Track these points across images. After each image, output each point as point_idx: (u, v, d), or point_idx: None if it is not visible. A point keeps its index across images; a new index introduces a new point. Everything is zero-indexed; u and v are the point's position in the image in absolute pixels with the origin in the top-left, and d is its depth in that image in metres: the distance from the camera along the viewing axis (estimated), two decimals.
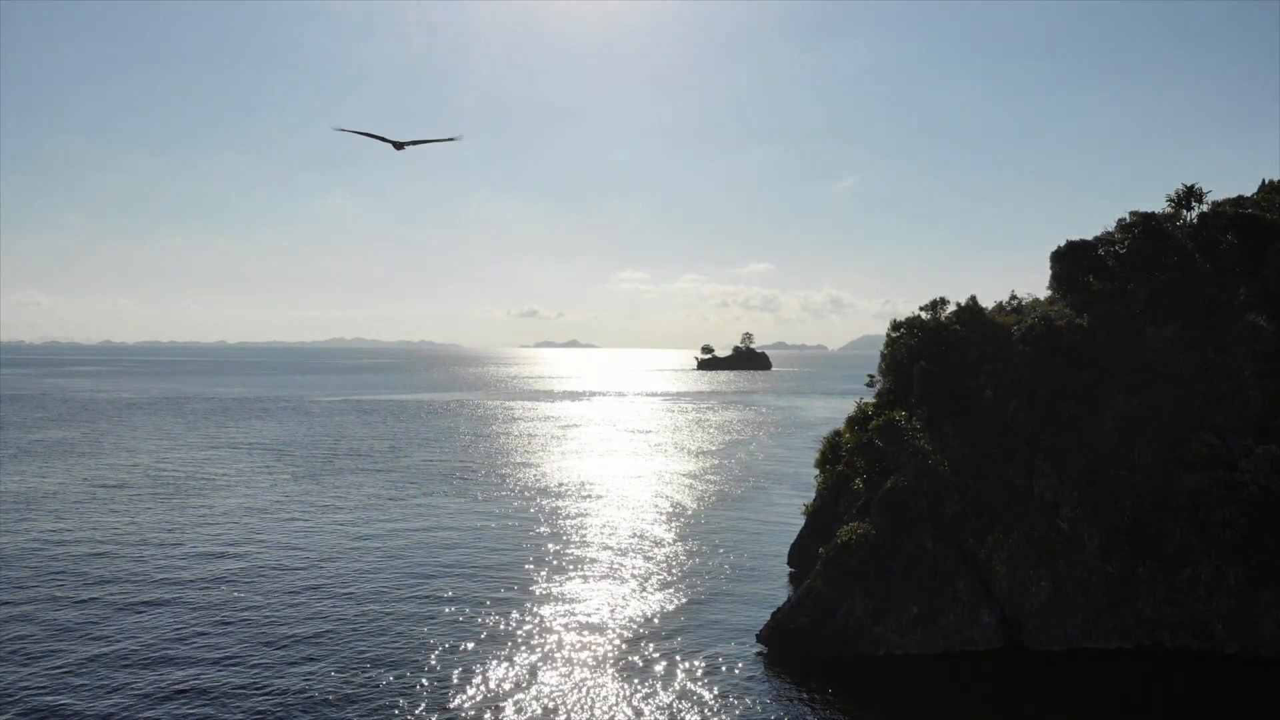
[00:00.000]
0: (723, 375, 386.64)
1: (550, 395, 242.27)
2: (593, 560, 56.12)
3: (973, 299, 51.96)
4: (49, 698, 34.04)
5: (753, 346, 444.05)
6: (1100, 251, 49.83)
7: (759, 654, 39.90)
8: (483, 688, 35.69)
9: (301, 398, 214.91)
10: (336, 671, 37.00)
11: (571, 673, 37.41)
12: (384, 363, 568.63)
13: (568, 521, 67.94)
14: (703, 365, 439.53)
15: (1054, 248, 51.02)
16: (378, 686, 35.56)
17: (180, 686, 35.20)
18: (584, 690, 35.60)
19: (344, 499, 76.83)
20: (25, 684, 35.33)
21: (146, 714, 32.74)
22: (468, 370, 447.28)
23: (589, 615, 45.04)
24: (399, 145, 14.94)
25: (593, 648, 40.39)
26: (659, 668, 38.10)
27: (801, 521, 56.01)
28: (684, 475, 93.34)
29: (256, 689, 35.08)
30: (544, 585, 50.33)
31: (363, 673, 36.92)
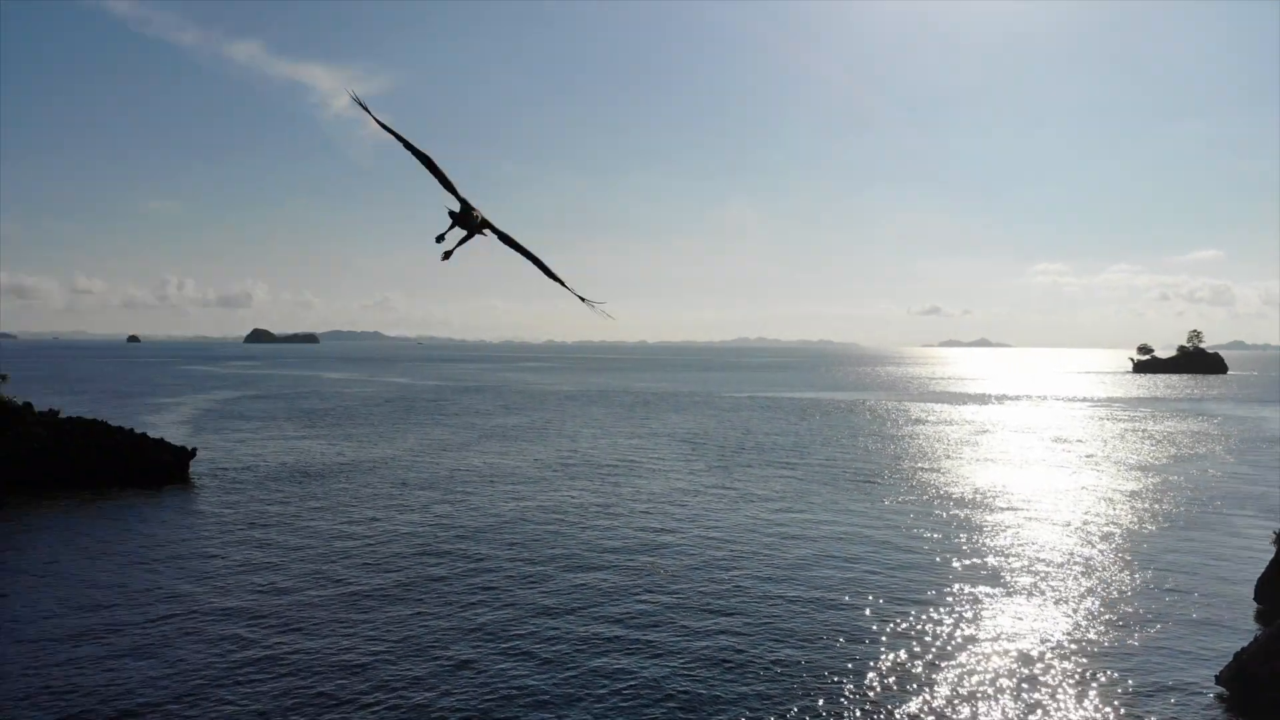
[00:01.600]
0: (1165, 379, 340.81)
1: (958, 398, 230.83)
2: (1013, 575, 52.47)
3: None
4: (515, 641, 39.72)
5: (1202, 346, 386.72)
6: None
7: (1218, 697, 34.57)
8: (891, 692, 35.07)
9: (711, 393, 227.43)
10: (749, 646, 38.60)
11: (992, 689, 35.31)
12: (785, 361, 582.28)
13: (983, 533, 64.26)
14: (1139, 368, 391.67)
15: None
16: (779, 671, 36.50)
17: (610, 638, 39.12)
18: (1007, 710, 33.47)
19: (753, 490, 79.94)
20: (496, 629, 41.57)
21: (580, 656, 36.88)
22: (867, 370, 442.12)
23: (1012, 631, 42.11)
24: (451, 199, 10.09)
25: (1016, 665, 37.72)
26: (1097, 695, 34.60)
27: (1271, 551, 47.59)
28: (1119, 492, 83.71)
29: (668, 650, 37.83)
30: (959, 596, 48.08)
31: (768, 652, 38.13)
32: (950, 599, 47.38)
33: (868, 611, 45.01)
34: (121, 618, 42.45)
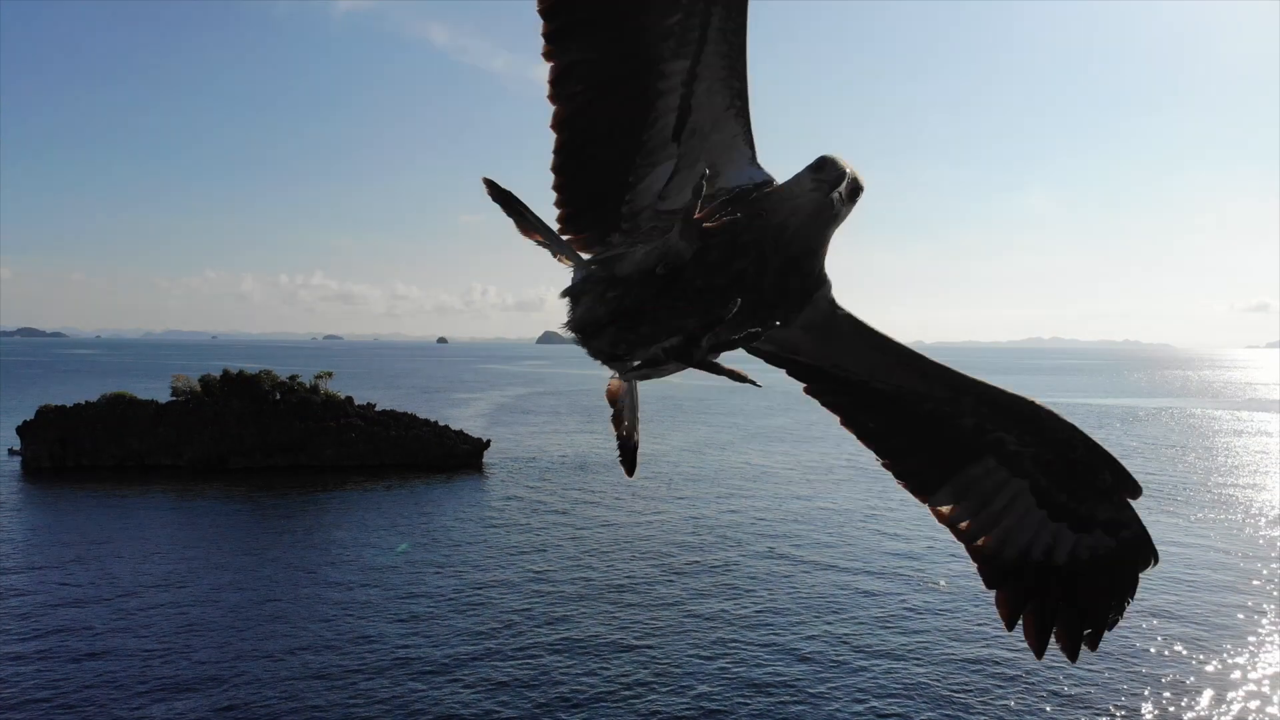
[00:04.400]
0: None
1: None
2: None
3: None
4: (772, 636, 40.08)
5: None
6: None
7: None
8: None
9: None
10: (1026, 662, 36.29)
11: None
12: (1082, 364, 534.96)
13: None
14: None
15: None
16: (1074, 693, 33.94)
17: (863, 644, 38.27)
18: None
19: None
20: (752, 623, 42.10)
21: (832, 655, 36.44)
22: (1178, 373, 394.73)
23: None
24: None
25: None
26: None
27: None
28: None
29: (927, 658, 36.32)
30: (1273, 626, 42.24)
31: (1046, 671, 35.57)
32: (1264, 628, 41.72)
33: (1179, 645, 40.68)
34: (405, 590, 47.68)
